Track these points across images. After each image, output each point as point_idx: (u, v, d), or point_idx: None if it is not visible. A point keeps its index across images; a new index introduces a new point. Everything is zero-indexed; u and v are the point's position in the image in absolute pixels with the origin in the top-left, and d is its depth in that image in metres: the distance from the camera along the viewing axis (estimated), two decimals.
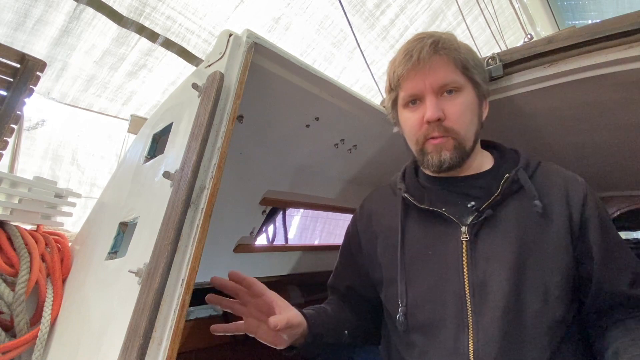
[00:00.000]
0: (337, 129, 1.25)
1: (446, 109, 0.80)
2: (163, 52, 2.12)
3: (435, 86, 0.80)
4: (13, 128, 1.12)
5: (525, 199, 0.80)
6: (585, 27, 0.90)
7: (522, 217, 0.79)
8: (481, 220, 0.79)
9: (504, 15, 3.79)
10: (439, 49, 0.80)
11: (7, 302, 0.91)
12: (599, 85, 0.96)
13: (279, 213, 1.67)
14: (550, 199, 0.80)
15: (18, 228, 1.00)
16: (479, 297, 0.75)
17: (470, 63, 0.82)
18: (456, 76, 0.81)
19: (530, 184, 0.80)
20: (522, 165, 0.83)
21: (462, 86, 0.82)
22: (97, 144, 2.20)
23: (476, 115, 0.85)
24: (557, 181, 0.83)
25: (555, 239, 0.77)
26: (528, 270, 0.75)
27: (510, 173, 0.81)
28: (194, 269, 0.68)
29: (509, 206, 0.81)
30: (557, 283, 0.75)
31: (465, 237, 0.79)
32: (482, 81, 0.85)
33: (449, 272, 0.79)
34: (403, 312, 0.81)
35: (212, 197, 0.73)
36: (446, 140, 0.81)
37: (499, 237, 0.78)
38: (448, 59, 0.81)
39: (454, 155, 0.81)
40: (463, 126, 0.81)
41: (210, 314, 1.61)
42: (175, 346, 0.63)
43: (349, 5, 2.63)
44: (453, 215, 0.82)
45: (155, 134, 1.06)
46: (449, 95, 0.81)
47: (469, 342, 0.73)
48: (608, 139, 1.20)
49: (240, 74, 0.80)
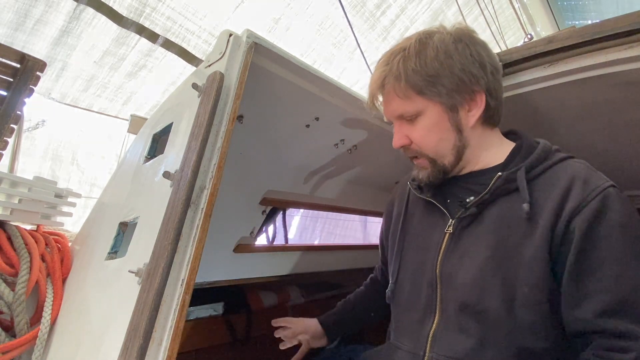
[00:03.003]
0: (337, 129, 1.25)
1: (410, 135, 0.83)
2: (163, 52, 2.12)
3: (392, 117, 0.85)
4: (13, 128, 1.12)
5: (517, 201, 0.75)
6: (585, 27, 0.90)
7: (507, 219, 0.76)
8: (467, 216, 0.81)
9: (504, 15, 3.79)
10: (383, 85, 0.82)
11: (7, 302, 0.91)
12: (599, 85, 0.96)
13: (279, 213, 1.67)
14: (544, 204, 0.73)
15: (18, 228, 1.01)
16: (446, 288, 0.80)
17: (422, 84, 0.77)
18: (407, 106, 0.80)
19: (524, 185, 0.74)
20: (527, 164, 0.77)
21: (420, 110, 0.80)
22: (97, 144, 2.20)
23: (447, 129, 0.81)
24: (562, 185, 0.73)
25: (533, 249, 0.72)
26: (497, 276, 0.73)
27: (503, 172, 0.77)
28: (194, 269, 0.68)
29: (498, 206, 0.78)
30: (524, 294, 0.71)
31: (449, 230, 0.83)
32: (451, 90, 0.78)
33: (428, 259, 0.85)
34: (391, 289, 0.92)
35: (212, 197, 0.73)
36: (421, 161, 0.85)
37: (478, 236, 0.79)
38: (393, 93, 0.81)
39: (432, 173, 0.85)
40: (430, 147, 0.83)
41: (210, 314, 1.61)
42: (175, 346, 0.63)
43: (350, 6, 2.63)
44: (446, 208, 0.86)
45: (155, 134, 1.06)
46: (409, 120, 0.83)
47: (432, 327, 0.80)
48: (608, 138, 1.20)
49: (240, 74, 0.80)
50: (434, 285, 0.82)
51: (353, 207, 1.78)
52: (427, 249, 0.86)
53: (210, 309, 1.63)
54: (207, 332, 1.57)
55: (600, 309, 0.66)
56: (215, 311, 1.64)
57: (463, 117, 0.82)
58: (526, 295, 0.71)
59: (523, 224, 0.74)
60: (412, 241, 0.93)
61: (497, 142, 0.87)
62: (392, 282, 0.92)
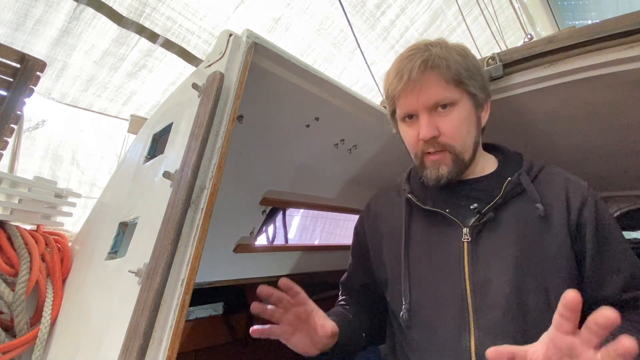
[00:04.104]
0: (337, 129, 1.25)
1: (440, 126, 0.81)
2: (163, 52, 2.12)
3: (427, 104, 0.81)
4: (13, 128, 1.12)
5: (527, 202, 0.81)
6: (585, 27, 0.90)
7: (523, 220, 0.80)
8: (483, 222, 0.81)
9: (504, 16, 3.79)
10: (428, 67, 0.80)
11: (7, 302, 0.91)
12: (599, 85, 0.96)
13: (279, 213, 1.67)
14: (552, 202, 0.81)
15: (18, 228, 1.00)
16: (480, 297, 0.77)
17: (463, 74, 0.81)
18: (448, 92, 0.81)
19: (532, 187, 0.81)
20: (525, 168, 0.84)
21: (456, 100, 0.81)
22: (97, 144, 2.20)
23: (473, 124, 0.85)
24: (559, 185, 0.83)
25: (555, 242, 0.78)
26: (529, 272, 0.77)
27: (512, 176, 0.83)
28: (194, 269, 0.68)
29: (511, 209, 0.82)
30: (557, 285, 0.76)
31: (467, 239, 0.81)
32: (479, 88, 0.84)
33: (451, 272, 0.81)
34: (407, 309, 0.84)
35: (212, 197, 0.73)
36: (443, 156, 0.83)
37: (500, 238, 0.80)
38: (438, 76, 0.80)
39: (452, 170, 0.83)
40: (459, 140, 0.82)
41: (210, 314, 1.62)
42: (175, 346, 0.63)
43: (349, 6, 2.63)
44: (455, 216, 0.84)
45: (155, 134, 1.06)
46: (443, 110, 0.81)
47: (471, 341, 0.75)
48: (608, 138, 1.20)
49: (240, 74, 0.80)
50: (464, 297, 0.78)
51: (353, 207, 1.78)
52: (445, 263, 0.82)
53: (210, 309, 1.63)
54: (207, 332, 1.58)
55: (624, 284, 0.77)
56: (215, 311, 1.64)
57: (482, 117, 0.88)
58: (559, 285, 0.76)
59: (539, 222, 0.79)
60: (422, 257, 0.86)
61: (483, 152, 0.93)
62: (407, 303, 0.84)
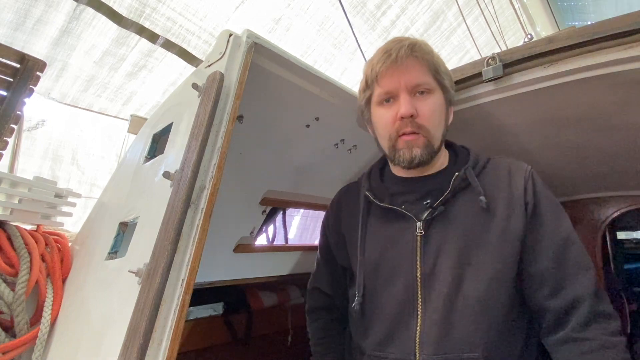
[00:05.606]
0: (337, 129, 1.26)
1: (418, 107, 0.86)
2: (163, 52, 2.12)
3: (409, 85, 0.87)
4: (13, 128, 1.12)
5: (472, 195, 0.87)
6: (585, 27, 0.90)
7: (469, 212, 0.86)
8: (434, 216, 0.87)
9: (504, 16, 3.79)
10: (415, 50, 0.86)
11: (7, 302, 0.91)
12: (599, 85, 0.96)
13: (279, 213, 1.67)
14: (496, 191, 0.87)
15: (18, 228, 1.01)
16: (427, 287, 0.84)
17: (441, 68, 0.89)
18: (428, 78, 0.88)
19: (476, 181, 0.87)
20: (471, 164, 0.90)
21: (433, 88, 0.88)
22: (97, 144, 2.20)
23: (444, 117, 0.91)
24: (503, 173, 0.90)
25: (499, 230, 0.84)
26: (472, 261, 0.83)
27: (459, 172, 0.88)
28: (194, 269, 0.68)
29: (459, 202, 0.88)
30: (499, 270, 0.82)
31: (420, 232, 0.87)
32: (450, 88, 0.92)
33: (404, 264, 0.87)
34: (359, 302, 0.90)
35: (212, 197, 0.73)
36: (417, 137, 0.87)
37: (448, 231, 0.86)
38: (422, 61, 0.87)
39: (424, 152, 0.87)
40: (433, 125, 0.88)
41: (210, 314, 1.62)
42: (175, 346, 0.63)
43: (350, 6, 2.63)
44: (410, 211, 0.89)
45: (155, 134, 1.06)
46: (421, 95, 0.87)
47: (417, 327, 0.82)
48: (608, 138, 1.20)
49: (240, 74, 0.80)
50: (415, 287, 0.84)
51: None
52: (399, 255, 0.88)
53: (210, 309, 1.63)
54: (207, 332, 1.58)
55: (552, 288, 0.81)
56: (215, 311, 1.64)
57: (449, 115, 0.95)
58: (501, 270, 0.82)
59: (482, 213, 0.85)
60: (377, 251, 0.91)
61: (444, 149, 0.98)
62: (360, 295, 0.90)
